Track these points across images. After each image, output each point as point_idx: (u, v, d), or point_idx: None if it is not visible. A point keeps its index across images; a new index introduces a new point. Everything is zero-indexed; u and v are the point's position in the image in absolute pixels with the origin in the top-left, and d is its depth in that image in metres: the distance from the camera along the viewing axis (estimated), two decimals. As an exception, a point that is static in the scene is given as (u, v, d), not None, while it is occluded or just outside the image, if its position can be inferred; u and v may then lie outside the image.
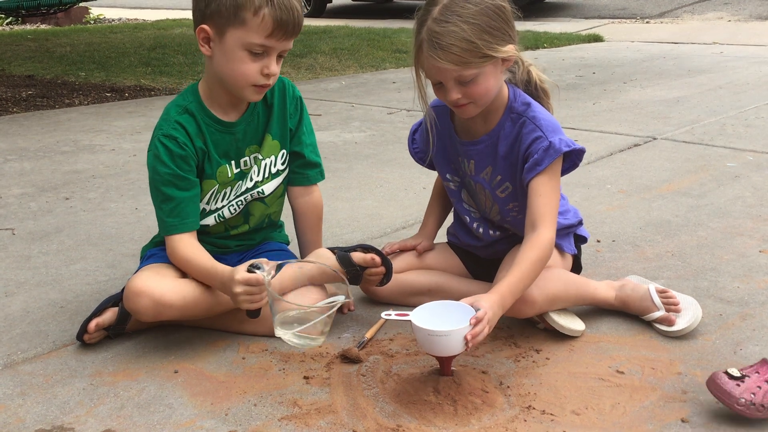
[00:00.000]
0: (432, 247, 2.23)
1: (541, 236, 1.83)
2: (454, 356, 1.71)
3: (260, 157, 2.06)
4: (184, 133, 1.94)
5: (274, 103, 2.06)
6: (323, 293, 2.00)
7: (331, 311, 1.76)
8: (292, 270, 1.95)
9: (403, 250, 2.20)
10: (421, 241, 2.21)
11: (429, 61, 1.80)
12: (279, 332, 1.79)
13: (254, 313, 1.85)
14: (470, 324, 1.64)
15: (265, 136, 2.06)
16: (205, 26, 1.86)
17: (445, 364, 1.73)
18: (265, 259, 1.84)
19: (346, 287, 1.82)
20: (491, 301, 1.70)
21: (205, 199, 2.01)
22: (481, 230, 2.12)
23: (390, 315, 1.77)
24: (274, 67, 1.88)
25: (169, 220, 1.94)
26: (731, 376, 1.61)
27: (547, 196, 1.87)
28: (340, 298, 1.81)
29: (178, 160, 1.92)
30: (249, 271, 1.78)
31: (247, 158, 2.04)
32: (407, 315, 1.72)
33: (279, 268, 1.86)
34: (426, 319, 1.68)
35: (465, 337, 1.63)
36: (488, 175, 2.01)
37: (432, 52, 1.77)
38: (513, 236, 2.09)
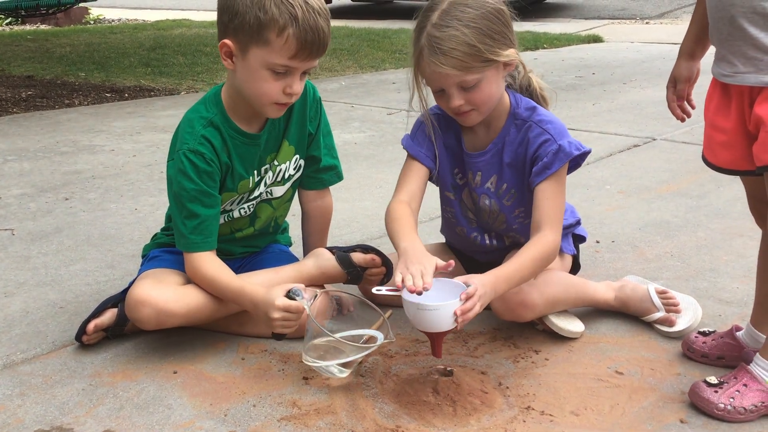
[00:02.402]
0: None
1: (545, 237, 1.81)
2: (445, 333, 1.69)
3: (276, 163, 2.03)
4: (211, 148, 1.89)
5: (294, 108, 2.01)
6: (325, 297, 2.00)
7: (371, 350, 1.76)
8: (327, 300, 1.90)
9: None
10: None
11: (430, 68, 1.76)
12: (309, 360, 1.77)
13: (282, 336, 1.85)
14: (460, 299, 1.62)
15: (283, 142, 2.03)
16: (227, 41, 1.80)
17: (435, 341, 1.71)
18: (302, 285, 1.83)
19: (387, 324, 1.78)
20: (483, 281, 1.69)
21: (221, 205, 1.98)
22: (479, 239, 2.11)
23: (381, 290, 1.75)
24: (297, 87, 1.82)
25: (192, 237, 1.90)
26: (709, 384, 1.65)
27: (554, 200, 1.85)
28: (380, 336, 1.78)
29: (204, 176, 1.89)
30: (288, 296, 1.77)
31: (267, 165, 2.02)
32: (399, 290, 1.69)
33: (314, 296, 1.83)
34: (416, 295, 1.66)
35: (455, 313, 1.61)
36: (493, 185, 1.98)
37: (434, 58, 1.74)
38: (511, 245, 2.08)
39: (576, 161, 1.94)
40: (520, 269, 1.78)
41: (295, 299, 1.77)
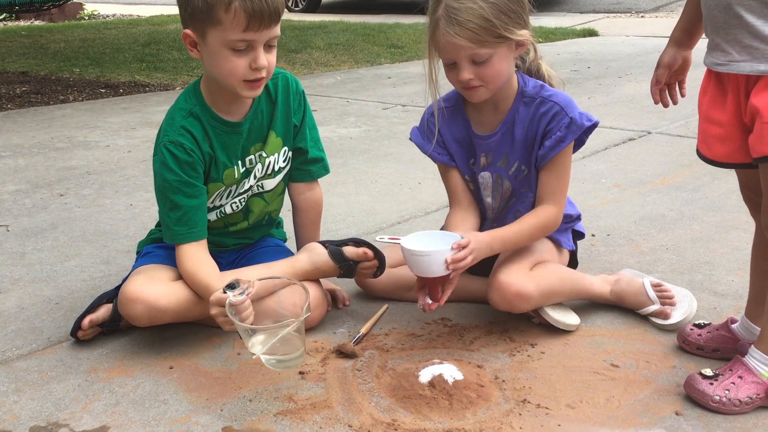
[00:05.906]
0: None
1: (547, 209, 1.89)
2: (440, 280, 1.80)
3: (264, 155, 2.03)
4: (191, 138, 1.90)
5: (278, 100, 2.02)
6: (319, 288, 2.00)
7: (285, 331, 1.68)
8: (264, 283, 1.87)
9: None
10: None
11: (445, 38, 1.79)
12: (254, 354, 1.72)
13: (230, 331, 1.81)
14: (452, 248, 1.74)
15: (269, 133, 2.03)
16: (188, 31, 1.82)
17: (431, 287, 1.83)
18: (243, 278, 1.77)
19: (306, 299, 1.74)
20: (479, 237, 1.80)
21: (210, 199, 2.00)
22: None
23: (383, 239, 1.88)
24: (262, 60, 1.81)
25: (176, 228, 1.91)
26: (705, 376, 1.65)
27: (559, 176, 1.91)
28: (291, 320, 1.69)
29: (185, 167, 1.89)
30: (224, 291, 1.73)
31: (252, 156, 2.02)
32: (398, 240, 1.83)
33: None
34: (415, 243, 1.81)
35: (445, 260, 1.73)
36: (505, 163, 2.00)
37: (449, 28, 1.77)
38: None
39: (581, 138, 1.95)
40: (517, 233, 1.87)
41: (226, 293, 1.71)
